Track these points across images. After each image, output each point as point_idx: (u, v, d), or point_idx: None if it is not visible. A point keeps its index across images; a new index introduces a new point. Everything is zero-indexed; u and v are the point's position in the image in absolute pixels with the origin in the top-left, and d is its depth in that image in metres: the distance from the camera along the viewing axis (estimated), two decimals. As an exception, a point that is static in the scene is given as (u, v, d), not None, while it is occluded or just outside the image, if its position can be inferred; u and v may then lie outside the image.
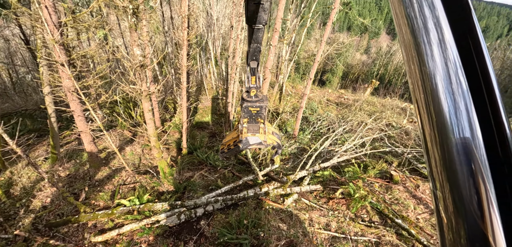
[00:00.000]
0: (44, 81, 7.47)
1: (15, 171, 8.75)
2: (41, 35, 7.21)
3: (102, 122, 7.29)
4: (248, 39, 1.80)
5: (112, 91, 7.87)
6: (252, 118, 2.06)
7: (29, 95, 22.15)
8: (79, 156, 9.45)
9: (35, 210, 7.19)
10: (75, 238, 6.30)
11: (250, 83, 1.97)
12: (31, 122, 11.95)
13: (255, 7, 1.58)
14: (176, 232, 6.10)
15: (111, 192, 7.54)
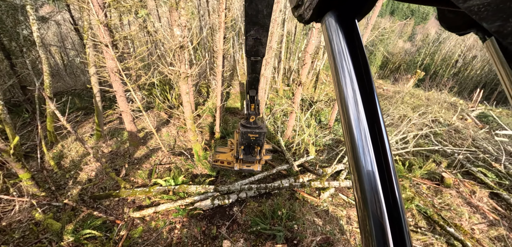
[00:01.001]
0: (90, 62, 7.85)
1: (65, 145, 9.52)
2: (87, 17, 7.52)
3: (141, 104, 7.50)
4: (247, 69, 1.89)
5: (151, 73, 8.05)
6: (250, 145, 2.09)
7: (77, 76, 24.09)
8: (120, 134, 9.98)
9: (82, 182, 7.74)
10: (116, 212, 6.65)
11: (249, 110, 2.05)
12: (79, 101, 12.90)
13: (254, 42, 1.72)
14: (209, 215, 6.12)
15: (148, 171, 7.82)
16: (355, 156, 0.43)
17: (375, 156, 0.41)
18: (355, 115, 0.44)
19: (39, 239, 5.71)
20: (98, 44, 6.72)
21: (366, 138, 0.43)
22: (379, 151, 0.42)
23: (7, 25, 11.95)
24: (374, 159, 0.41)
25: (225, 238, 5.62)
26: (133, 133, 8.50)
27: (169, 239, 5.75)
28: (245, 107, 2.10)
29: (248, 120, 2.13)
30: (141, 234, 5.93)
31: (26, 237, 5.82)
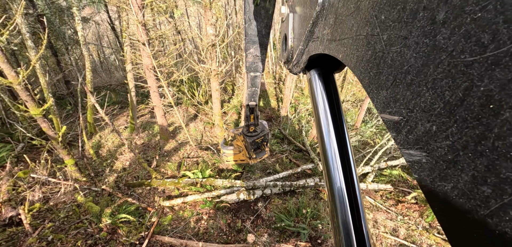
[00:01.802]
0: (127, 59, 8.40)
1: (103, 136, 10.28)
2: (126, 17, 8.06)
3: (172, 99, 7.90)
4: (246, 83, 2.01)
5: (183, 70, 8.45)
6: (259, 147, 2.31)
7: (112, 73, 25.72)
8: (151, 128, 10.56)
9: (117, 170, 8.33)
10: (148, 200, 7.07)
11: (249, 121, 2.19)
12: (115, 95, 13.82)
13: (253, 59, 1.85)
14: (234, 209, 6.30)
15: (178, 163, 8.21)
16: (329, 176, 0.55)
17: (344, 177, 0.53)
18: (329, 144, 0.56)
19: (81, 220, 6.25)
20: (135, 43, 7.19)
21: (337, 163, 0.54)
22: (346, 172, 0.54)
23: (54, 26, 13.12)
24: (343, 179, 0.53)
25: (250, 232, 5.76)
26: (164, 127, 8.97)
27: (196, 229, 6.02)
28: (244, 119, 2.21)
29: (248, 130, 2.24)
30: (170, 222, 6.26)
31: (69, 217, 6.41)
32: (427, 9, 0.26)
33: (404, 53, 0.30)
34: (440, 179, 0.27)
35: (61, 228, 6.08)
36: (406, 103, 0.31)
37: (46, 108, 6.01)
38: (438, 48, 0.25)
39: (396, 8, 0.31)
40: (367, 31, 0.38)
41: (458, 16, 0.22)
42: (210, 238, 5.77)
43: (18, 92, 5.61)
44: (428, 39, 0.27)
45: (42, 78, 8.17)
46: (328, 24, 0.52)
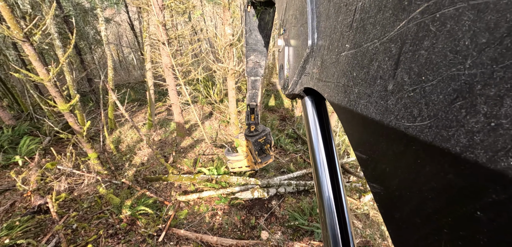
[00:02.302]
0: (147, 58, 8.71)
1: (122, 131, 10.70)
2: (146, 18, 8.37)
3: (189, 97, 8.13)
4: (247, 86, 2.15)
5: (198, 69, 8.67)
6: (262, 147, 2.37)
7: (130, 71, 26.59)
8: (168, 125, 10.88)
9: (136, 165, 8.65)
10: (164, 194, 7.31)
11: (250, 120, 2.31)
12: (133, 93, 14.31)
13: (253, 65, 1.98)
14: (248, 206, 6.40)
15: (193, 160, 8.42)
16: (320, 190, 0.62)
17: (331, 185, 0.61)
18: (320, 164, 0.63)
19: (102, 210, 6.56)
20: (155, 42, 7.45)
21: (327, 180, 0.61)
22: (333, 181, 0.61)
23: (79, 26, 13.77)
24: (331, 188, 0.61)
25: (263, 229, 5.84)
26: (180, 124, 9.22)
27: (211, 224, 6.17)
28: (246, 118, 2.32)
29: (249, 130, 2.35)
30: (186, 216, 6.45)
31: (92, 207, 6.74)
32: (382, 79, 0.34)
33: (369, 107, 0.38)
34: (393, 209, 0.34)
35: (84, 217, 6.42)
36: (370, 147, 0.38)
37: (73, 104, 6.37)
38: (388, 111, 0.33)
39: (363, 70, 0.39)
40: (344, 81, 0.45)
41: (400, 91, 0.30)
42: (225, 234, 5.90)
43: (48, 89, 5.99)
44: (383, 101, 0.34)
45: (68, 76, 8.63)
46: (317, 65, 0.59)
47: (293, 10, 0.73)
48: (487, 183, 0.21)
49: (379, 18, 0.34)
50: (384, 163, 0.35)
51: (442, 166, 0.25)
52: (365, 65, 0.38)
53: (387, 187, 0.35)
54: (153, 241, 5.70)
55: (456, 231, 0.25)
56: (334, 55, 0.49)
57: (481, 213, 0.22)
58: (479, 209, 0.22)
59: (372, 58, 0.36)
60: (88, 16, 14.17)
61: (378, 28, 0.35)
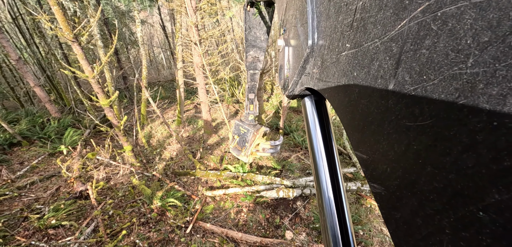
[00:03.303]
0: (178, 57, 9.12)
1: (153, 127, 11.29)
2: (179, 19, 8.77)
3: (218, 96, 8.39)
4: (247, 78, 2.23)
5: (227, 69, 8.91)
6: (241, 137, 2.37)
7: (160, 70, 27.84)
8: (196, 122, 11.28)
9: (165, 159, 9.09)
10: (192, 188, 7.61)
11: (249, 111, 2.36)
12: (164, 91, 15.01)
13: (252, 59, 2.06)
14: (273, 205, 6.46)
15: (220, 157, 8.66)
16: (320, 190, 0.62)
17: (332, 186, 0.61)
18: (321, 162, 0.63)
19: (135, 200, 7.00)
20: (187, 42, 7.78)
21: (327, 180, 0.61)
22: (334, 182, 0.61)
23: (117, 28, 14.75)
24: (331, 189, 0.60)
25: (288, 229, 5.86)
26: (208, 122, 9.53)
27: (236, 220, 6.32)
28: (245, 108, 2.39)
29: (247, 118, 2.42)
30: (212, 211, 6.66)
31: (126, 196, 7.21)
32: (383, 78, 0.34)
33: (370, 107, 0.38)
34: (393, 209, 0.34)
35: (119, 205, 6.89)
36: (370, 146, 0.38)
37: (112, 100, 6.87)
38: (389, 110, 0.33)
39: (364, 70, 0.39)
40: (345, 81, 0.46)
41: (401, 90, 0.31)
42: (249, 231, 6.01)
43: (92, 85, 6.52)
44: (384, 100, 0.34)
45: (107, 73, 9.31)
46: (317, 65, 0.59)
47: (293, 10, 0.73)
48: (490, 183, 0.21)
49: (380, 17, 0.35)
50: (385, 163, 0.35)
51: (444, 165, 0.26)
52: (366, 64, 0.39)
53: (388, 187, 0.35)
54: (181, 232, 5.97)
55: (458, 231, 0.25)
56: (335, 55, 0.49)
57: (484, 214, 0.22)
58: (482, 209, 0.22)
59: (373, 57, 0.37)
60: (125, 18, 15.14)
61: (379, 28, 0.35)
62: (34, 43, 13.18)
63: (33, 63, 14.48)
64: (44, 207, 6.49)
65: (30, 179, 7.54)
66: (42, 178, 7.72)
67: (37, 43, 13.19)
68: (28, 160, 8.71)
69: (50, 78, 13.59)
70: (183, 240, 5.75)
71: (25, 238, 5.53)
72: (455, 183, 0.24)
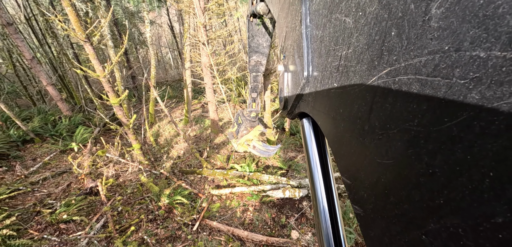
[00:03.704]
0: (186, 57, 9.24)
1: (161, 126, 11.46)
2: (188, 19, 8.88)
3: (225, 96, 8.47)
4: (249, 79, 2.35)
5: (235, 69, 8.99)
6: (238, 126, 2.54)
7: (167, 70, 28.15)
8: (203, 122, 11.40)
9: (173, 157, 9.22)
10: (199, 187, 7.70)
11: (251, 108, 2.51)
12: (171, 90, 15.19)
13: (255, 63, 2.17)
14: (279, 205, 6.48)
15: (226, 156, 8.74)
16: (317, 207, 0.67)
17: (328, 208, 0.64)
18: (317, 179, 0.68)
19: (143, 197, 7.12)
20: (195, 42, 7.88)
21: (323, 199, 0.65)
22: (330, 205, 0.65)
23: (127, 28, 15.01)
24: (326, 200, 0.65)
25: (294, 229, 5.88)
26: (215, 121, 9.63)
27: (242, 219, 6.37)
28: (248, 106, 2.53)
29: (249, 114, 2.55)
30: (219, 209, 6.72)
31: (134, 193, 7.35)
32: (361, 119, 0.40)
33: (351, 141, 0.44)
34: (368, 228, 0.41)
35: (128, 201, 7.03)
36: (353, 174, 0.44)
37: (122, 99, 7.01)
38: (365, 147, 0.39)
39: (347, 108, 0.45)
40: (333, 114, 0.51)
41: (373, 133, 0.37)
42: (255, 229, 6.05)
43: (103, 84, 6.67)
44: (361, 138, 0.40)
45: (117, 73, 9.50)
46: (312, 95, 0.65)
47: (292, 41, 0.79)
48: (428, 214, 0.28)
49: (358, 69, 0.41)
50: (363, 189, 0.41)
51: (401, 198, 0.32)
52: (349, 104, 0.44)
53: (365, 210, 0.41)
54: (188, 230, 6.06)
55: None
56: (326, 89, 0.55)
57: (425, 237, 0.28)
58: (424, 234, 0.28)
59: (353, 100, 0.43)
60: (134, 19, 15.40)
61: (357, 77, 0.41)
62: (46, 43, 13.54)
63: (45, 63, 14.88)
64: (56, 202, 6.68)
65: (42, 175, 7.76)
66: (54, 174, 7.93)
67: (49, 43, 13.55)
68: (40, 156, 8.96)
69: (62, 78, 13.93)
70: (190, 238, 5.83)
71: (38, 232, 5.71)
72: (408, 212, 0.31)
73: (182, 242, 5.74)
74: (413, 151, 0.29)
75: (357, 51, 0.41)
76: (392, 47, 0.32)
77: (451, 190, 0.25)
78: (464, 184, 0.23)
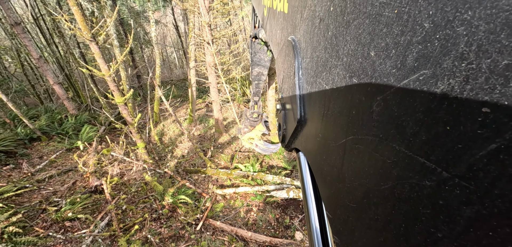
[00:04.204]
0: (191, 56, 9.24)
1: (165, 125, 11.49)
2: (193, 19, 8.88)
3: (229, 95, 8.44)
4: (252, 86, 2.61)
5: (239, 68, 8.96)
6: (243, 123, 2.95)
7: (172, 70, 28.28)
8: (207, 121, 11.40)
9: (177, 156, 9.23)
10: (202, 186, 7.69)
11: (253, 110, 2.81)
12: (176, 90, 15.24)
13: (257, 74, 2.41)
14: (283, 205, 6.43)
15: (230, 156, 8.71)
16: (310, 235, 0.71)
17: (318, 220, 0.70)
18: (311, 207, 0.73)
19: (147, 196, 7.14)
20: (200, 42, 7.87)
21: (316, 226, 0.70)
22: (321, 222, 0.70)
23: (131, 27, 15.10)
24: (319, 229, 0.69)
25: (298, 230, 5.82)
26: (219, 121, 9.61)
27: (245, 219, 6.33)
28: (251, 107, 2.84)
29: (252, 115, 2.87)
30: (222, 209, 6.70)
31: (138, 192, 7.37)
32: (336, 169, 0.49)
33: (331, 185, 0.53)
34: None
35: (132, 200, 7.05)
36: (332, 210, 0.54)
37: (127, 98, 7.04)
38: (339, 191, 0.48)
39: (328, 158, 0.53)
40: (319, 159, 0.60)
41: (344, 182, 0.46)
42: (259, 230, 6.01)
43: (108, 83, 6.70)
44: (337, 183, 0.48)
45: (123, 72, 9.55)
46: (304, 136, 0.73)
47: (287, 86, 0.87)
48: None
49: (333, 129, 0.49)
50: (339, 224, 0.50)
51: (362, 242, 0.41)
52: (329, 154, 0.52)
53: (341, 240, 0.50)
54: (191, 229, 6.05)
55: None
56: (313, 136, 0.63)
57: None
58: None
59: (331, 152, 0.51)
60: (139, 18, 15.49)
61: (333, 135, 0.50)
62: (53, 42, 13.70)
63: (53, 62, 15.07)
64: (61, 200, 6.74)
65: (48, 173, 7.84)
66: (60, 172, 8.01)
67: (56, 42, 13.71)
68: (47, 154, 9.06)
69: (68, 77, 14.09)
70: (193, 237, 5.82)
71: (43, 229, 5.76)
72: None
73: (186, 242, 5.73)
74: (367, 201, 0.38)
75: (332, 115, 0.51)
76: (353, 121, 0.42)
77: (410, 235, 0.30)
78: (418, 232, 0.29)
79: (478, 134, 0.22)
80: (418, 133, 0.28)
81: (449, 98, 0.24)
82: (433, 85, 0.26)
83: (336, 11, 0.49)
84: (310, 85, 0.65)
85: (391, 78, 0.32)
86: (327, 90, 0.54)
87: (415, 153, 0.29)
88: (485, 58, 0.21)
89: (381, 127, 0.34)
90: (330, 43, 0.53)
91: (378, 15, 0.35)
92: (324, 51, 0.56)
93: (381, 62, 0.34)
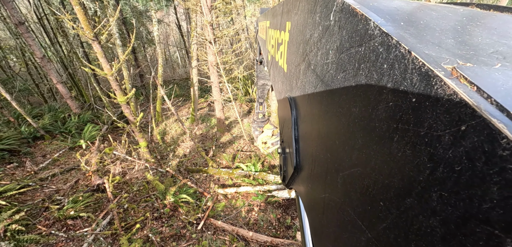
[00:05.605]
0: (193, 56, 9.24)
1: (167, 124, 11.51)
2: (195, 18, 8.88)
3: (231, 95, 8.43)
4: (257, 93, 2.99)
5: (242, 68, 8.94)
6: (253, 130, 3.25)
7: (175, 69, 28.32)
8: (209, 120, 11.40)
9: (179, 156, 9.24)
10: (204, 185, 7.69)
11: (259, 110, 3.14)
12: (178, 89, 15.26)
13: (262, 84, 2.85)
14: (284, 205, 6.40)
15: (232, 155, 8.70)
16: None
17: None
18: (308, 241, 0.80)
19: (149, 195, 7.15)
20: (202, 41, 7.87)
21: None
22: None
23: (134, 27, 15.14)
24: None
25: (299, 230, 5.79)
26: (221, 120, 9.60)
27: (247, 218, 6.32)
28: (256, 108, 3.20)
29: (257, 116, 3.21)
30: (224, 209, 6.70)
31: (140, 191, 7.39)
32: (318, 214, 0.59)
33: (319, 228, 0.62)
34: None
35: (134, 199, 7.07)
36: (319, 244, 0.62)
37: (129, 97, 7.05)
38: (324, 236, 0.57)
39: (316, 206, 0.61)
40: (311, 205, 0.68)
41: (326, 232, 0.57)
42: (260, 230, 6.00)
43: (110, 82, 6.72)
44: (320, 227, 0.59)
45: (125, 71, 9.58)
46: (299, 179, 0.81)
47: (286, 132, 0.96)
48: None
49: (319, 183, 0.58)
50: None
51: None
52: (317, 202, 0.60)
53: None
54: (192, 228, 6.05)
55: None
56: (305, 181, 0.71)
57: None
58: None
59: (317, 198, 0.60)
60: (142, 17, 15.53)
61: (320, 188, 0.57)
62: (57, 42, 13.79)
63: (56, 61, 15.17)
64: (64, 199, 6.77)
65: (51, 171, 7.89)
66: (63, 170, 8.06)
67: (60, 42, 13.80)
68: (50, 153, 9.12)
69: (72, 76, 14.17)
70: (195, 237, 5.82)
71: (46, 227, 5.79)
72: None
73: (187, 241, 5.73)
74: None
75: (317, 167, 0.59)
76: (328, 184, 0.51)
77: None
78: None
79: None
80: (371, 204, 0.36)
81: None
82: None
83: (317, 98, 0.58)
84: (303, 141, 0.74)
85: (346, 162, 0.43)
86: (312, 153, 0.62)
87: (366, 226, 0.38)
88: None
89: (344, 193, 0.44)
90: (311, 119, 0.63)
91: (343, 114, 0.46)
92: (310, 123, 0.65)
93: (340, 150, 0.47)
